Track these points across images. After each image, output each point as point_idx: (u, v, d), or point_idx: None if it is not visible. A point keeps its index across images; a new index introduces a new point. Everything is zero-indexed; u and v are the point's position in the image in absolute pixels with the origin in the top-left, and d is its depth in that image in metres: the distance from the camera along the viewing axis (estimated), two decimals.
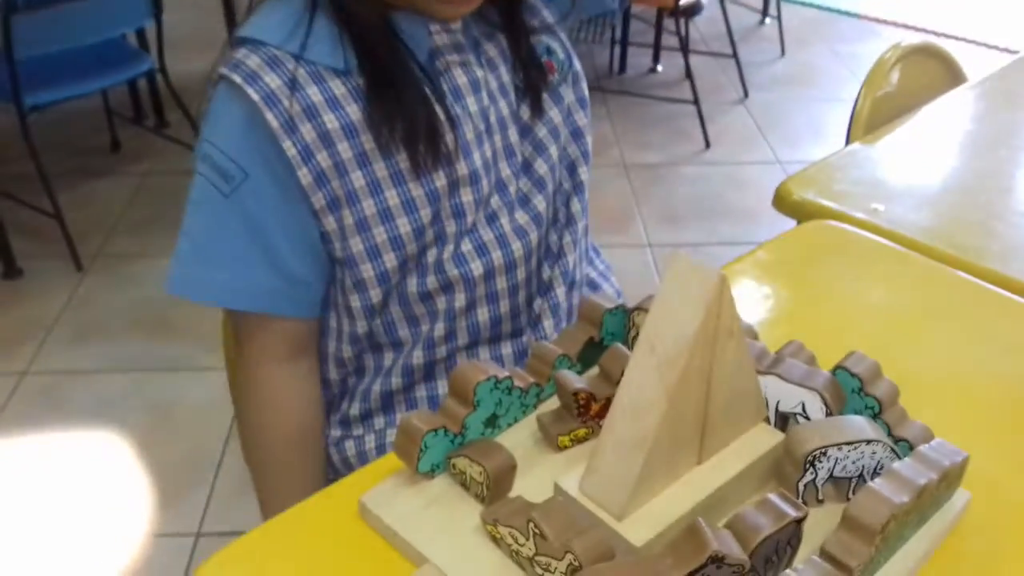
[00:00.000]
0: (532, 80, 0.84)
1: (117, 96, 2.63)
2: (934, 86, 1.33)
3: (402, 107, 0.74)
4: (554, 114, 0.86)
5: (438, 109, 0.76)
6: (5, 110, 2.08)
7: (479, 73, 0.79)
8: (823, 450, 0.61)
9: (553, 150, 0.86)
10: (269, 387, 0.83)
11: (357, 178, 0.75)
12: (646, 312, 0.75)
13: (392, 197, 0.76)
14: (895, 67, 1.28)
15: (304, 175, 0.73)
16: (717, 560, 0.51)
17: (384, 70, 0.74)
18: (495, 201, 0.82)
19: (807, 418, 0.66)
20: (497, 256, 0.82)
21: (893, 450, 0.62)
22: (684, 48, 2.92)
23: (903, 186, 1.11)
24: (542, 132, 0.85)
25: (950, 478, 0.62)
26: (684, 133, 2.87)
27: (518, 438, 0.69)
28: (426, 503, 0.64)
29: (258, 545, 0.64)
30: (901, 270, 0.92)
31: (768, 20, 3.70)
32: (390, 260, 0.78)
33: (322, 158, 0.73)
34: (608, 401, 0.68)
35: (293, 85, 0.72)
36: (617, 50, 3.34)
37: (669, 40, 3.24)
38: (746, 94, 3.14)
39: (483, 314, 0.83)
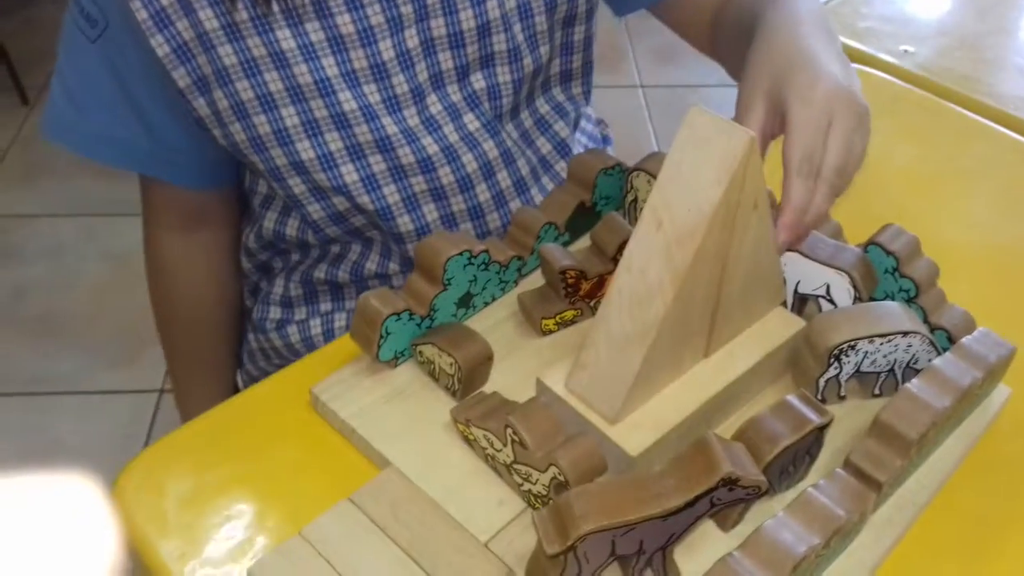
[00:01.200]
0: None
1: None
2: None
3: None
4: (539, 20, 0.68)
5: None
6: None
7: None
8: (851, 343, 0.52)
9: (527, 60, 0.69)
10: (159, 255, 0.76)
11: (226, 53, 0.60)
12: (647, 174, 0.64)
13: (273, 80, 0.61)
14: None
15: (160, 45, 0.60)
16: (730, 483, 0.42)
17: None
18: (432, 103, 0.67)
19: (831, 302, 0.57)
20: (445, 172, 0.67)
21: (931, 343, 0.53)
22: None
23: (937, 24, 0.98)
24: (519, 35, 0.68)
25: (995, 374, 0.53)
26: None
27: (496, 319, 0.60)
28: (388, 396, 0.55)
29: (193, 441, 0.56)
30: (935, 122, 0.81)
31: None
32: (279, 157, 0.64)
33: (182, 27, 0.60)
34: (601, 279, 0.59)
35: None
36: None
37: None
38: None
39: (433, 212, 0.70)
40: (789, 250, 0.57)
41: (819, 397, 0.55)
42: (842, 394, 0.55)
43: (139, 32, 0.60)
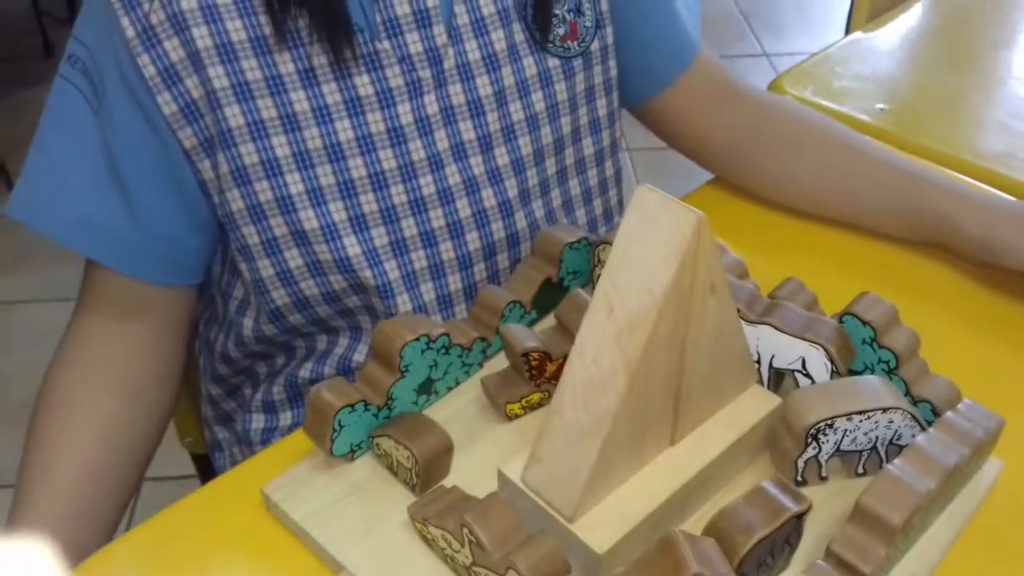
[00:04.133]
0: (537, 25, 0.66)
1: None
2: None
3: (303, 31, 0.58)
4: (560, 89, 0.68)
5: (346, 43, 0.59)
6: None
7: (430, 1, 0.61)
8: (829, 422, 0.49)
9: (546, 131, 0.68)
10: (78, 337, 0.66)
11: (233, 114, 0.59)
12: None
13: (281, 144, 0.60)
14: None
15: (166, 103, 0.58)
16: None
17: None
18: (450, 175, 0.65)
19: (808, 377, 0.54)
20: (446, 248, 0.65)
21: (914, 417, 0.51)
22: None
23: (912, 82, 0.97)
24: (539, 104, 0.67)
25: (983, 449, 0.50)
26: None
27: (459, 405, 0.58)
28: (344, 493, 0.52)
29: (138, 547, 0.53)
30: None
31: None
32: (279, 227, 0.62)
33: (191, 84, 0.58)
34: (567, 360, 0.56)
35: None
36: None
37: None
38: None
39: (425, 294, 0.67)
40: (761, 322, 0.54)
41: (799, 479, 0.52)
42: (823, 475, 0.52)
43: (142, 93, 0.58)
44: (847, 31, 1.09)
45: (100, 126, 0.61)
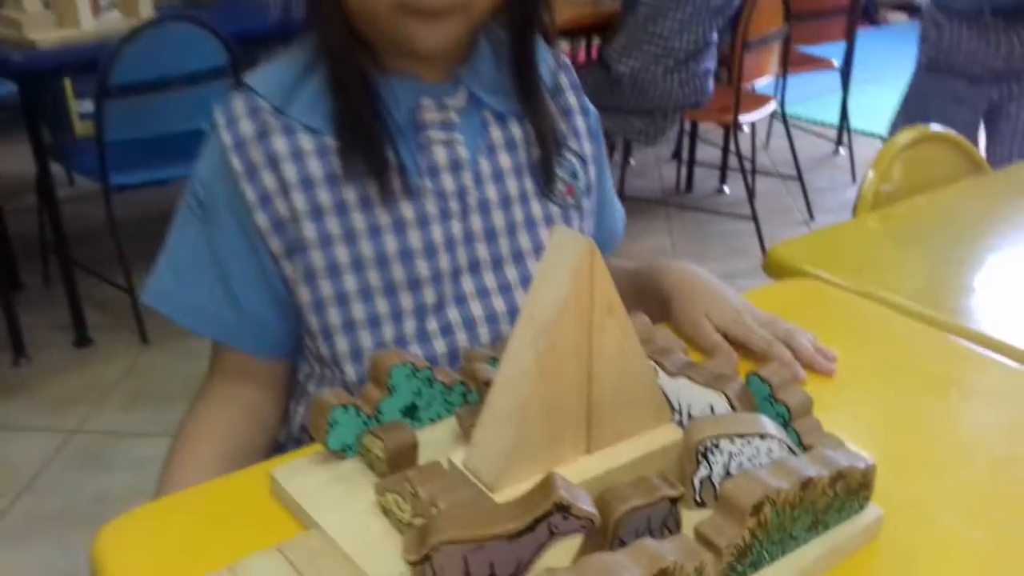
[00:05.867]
0: (543, 178, 0.85)
1: None
2: (953, 175, 1.33)
3: (362, 170, 0.78)
4: None
5: (396, 179, 0.79)
6: (97, 199, 2.27)
7: (463, 153, 0.81)
8: (715, 441, 0.60)
9: (541, 231, 0.85)
10: (202, 399, 0.86)
11: (308, 229, 0.78)
12: None
13: (342, 253, 0.79)
14: (908, 150, 1.29)
15: (261, 219, 0.79)
16: (563, 508, 0.51)
17: (352, 133, 0.78)
18: (467, 283, 0.83)
19: None
20: (462, 338, 0.82)
21: (792, 450, 0.61)
22: (741, 163, 2.97)
23: (895, 257, 1.11)
24: (543, 237, 0.85)
25: (848, 481, 0.60)
26: (743, 250, 2.88)
27: (437, 434, 0.71)
28: (331, 479, 0.66)
29: (163, 511, 0.67)
30: (874, 324, 0.91)
31: (842, 150, 3.73)
32: (333, 316, 0.80)
33: (280, 205, 0.78)
34: None
35: (262, 134, 0.78)
36: (684, 169, 3.41)
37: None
38: (812, 216, 3.14)
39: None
40: (680, 375, 0.67)
41: (698, 499, 0.62)
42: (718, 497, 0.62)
43: (242, 213, 0.79)
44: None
45: (209, 236, 0.82)
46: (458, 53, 0.82)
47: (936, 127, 1.35)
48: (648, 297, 0.90)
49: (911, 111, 2.18)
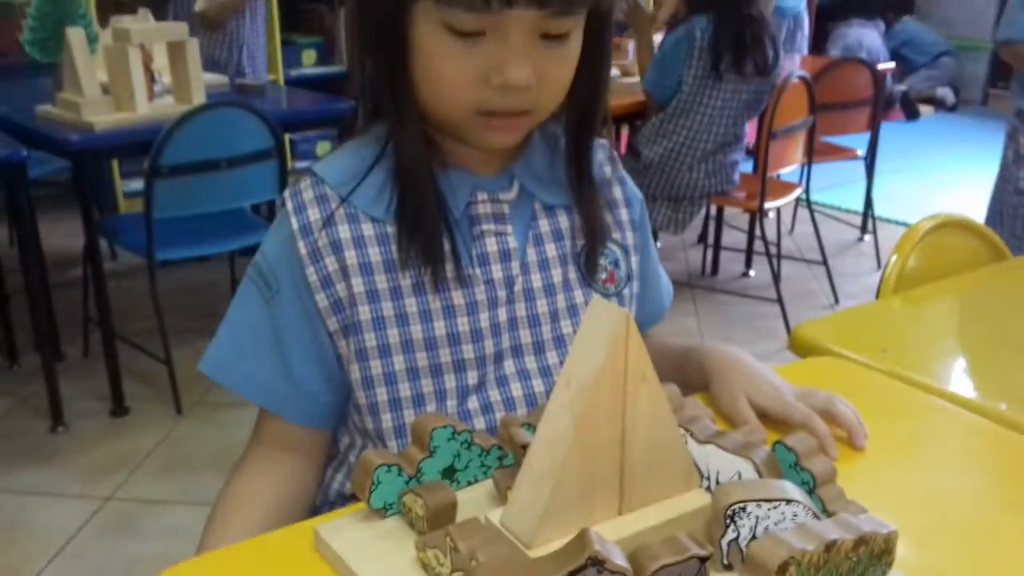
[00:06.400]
0: (587, 268, 0.90)
1: (243, 268, 2.90)
2: (974, 260, 1.36)
3: (419, 258, 0.83)
4: None
5: (449, 267, 0.83)
6: (138, 273, 2.35)
7: (512, 244, 0.86)
8: (743, 505, 0.63)
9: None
10: (245, 465, 0.89)
11: (364, 311, 0.83)
12: None
13: (393, 335, 0.83)
14: (930, 236, 1.33)
15: (321, 300, 0.84)
16: (597, 562, 0.54)
17: (412, 224, 0.83)
18: (509, 365, 0.87)
19: None
20: (500, 418, 0.85)
21: (816, 516, 0.64)
22: (767, 248, 3.02)
23: (917, 338, 1.13)
24: None
25: (871, 546, 0.62)
26: (769, 332, 2.90)
27: (475, 495, 0.74)
28: (374, 536, 0.69)
29: (207, 567, 0.70)
30: (897, 401, 0.94)
31: (867, 237, 3.77)
32: (381, 394, 0.84)
33: (340, 288, 0.83)
34: None
35: (328, 222, 0.83)
36: (710, 253, 3.46)
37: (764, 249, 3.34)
38: (837, 301, 3.16)
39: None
40: (708, 442, 0.70)
41: (725, 562, 0.64)
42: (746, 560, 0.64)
43: (305, 293, 0.84)
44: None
45: (271, 312, 0.87)
46: (514, 148, 0.87)
47: (956, 215, 1.39)
48: (691, 374, 0.93)
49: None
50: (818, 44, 6.08)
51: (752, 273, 3.42)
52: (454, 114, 0.80)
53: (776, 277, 2.99)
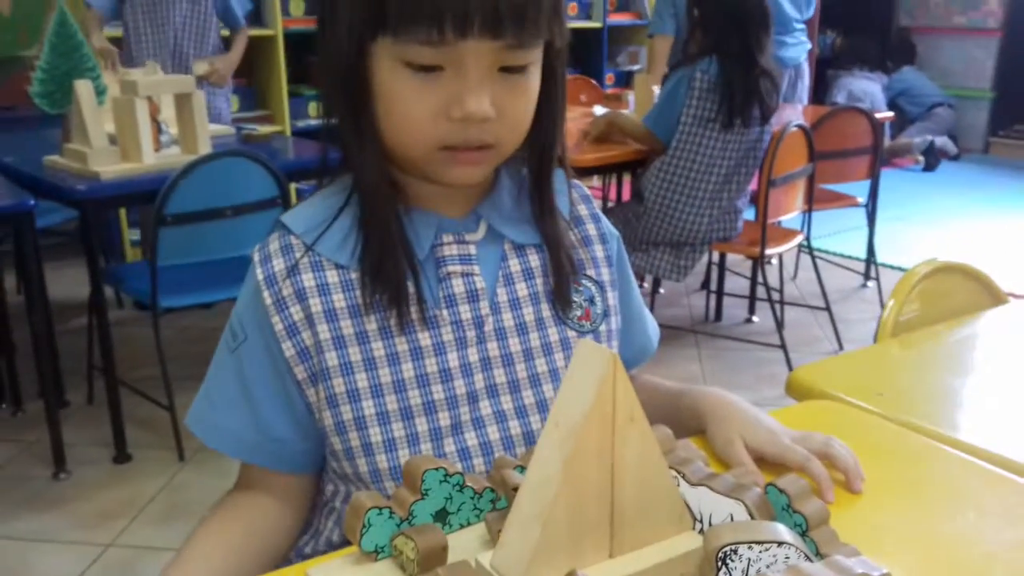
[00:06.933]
0: (560, 304, 0.89)
1: None
2: (971, 305, 1.36)
3: (383, 302, 0.84)
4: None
5: (414, 309, 0.84)
6: (141, 321, 2.36)
7: (480, 284, 0.86)
8: (734, 547, 0.63)
9: (558, 356, 0.89)
10: (219, 504, 0.90)
11: (331, 358, 0.83)
12: None
13: (362, 379, 0.83)
14: (927, 280, 1.33)
15: (288, 348, 0.84)
16: None
17: (376, 269, 0.84)
18: (484, 406, 0.86)
19: None
20: (479, 463, 0.85)
21: (808, 558, 0.63)
22: (769, 294, 3.02)
23: (914, 381, 1.13)
24: (560, 362, 0.89)
25: None
26: (772, 378, 2.89)
27: (467, 538, 0.74)
28: None
29: None
30: (894, 444, 0.94)
31: (870, 283, 3.78)
32: (354, 439, 0.84)
33: (306, 336, 0.84)
34: None
35: (292, 271, 0.84)
36: (713, 299, 3.46)
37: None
38: (840, 346, 3.16)
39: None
40: (700, 484, 0.70)
41: None
42: None
43: (272, 343, 0.84)
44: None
45: (238, 365, 0.87)
46: (480, 187, 0.88)
47: (953, 260, 1.40)
48: (684, 416, 0.93)
49: None
50: (818, 94, 6.15)
51: (756, 319, 3.42)
52: (417, 151, 0.81)
53: (779, 323, 2.99)
